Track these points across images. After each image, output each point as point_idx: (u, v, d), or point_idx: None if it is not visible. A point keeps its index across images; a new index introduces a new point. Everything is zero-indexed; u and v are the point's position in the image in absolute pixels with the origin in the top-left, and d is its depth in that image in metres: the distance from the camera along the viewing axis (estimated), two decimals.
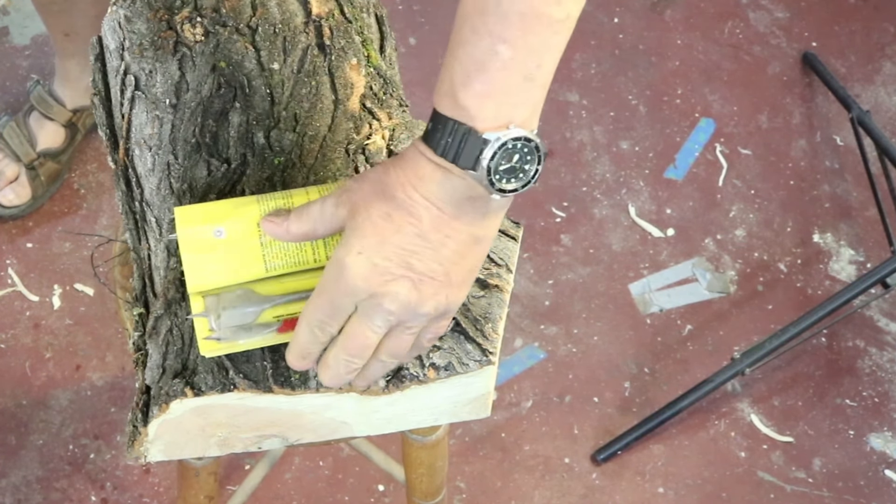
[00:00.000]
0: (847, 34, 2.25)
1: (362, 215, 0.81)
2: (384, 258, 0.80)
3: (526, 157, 0.79)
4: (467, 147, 0.78)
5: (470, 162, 0.78)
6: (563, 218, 1.99)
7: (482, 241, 0.83)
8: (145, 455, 0.96)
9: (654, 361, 1.86)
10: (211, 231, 0.88)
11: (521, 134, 0.78)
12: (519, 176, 0.80)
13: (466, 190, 0.79)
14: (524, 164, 0.79)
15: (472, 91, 0.77)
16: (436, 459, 1.25)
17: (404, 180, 0.81)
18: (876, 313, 1.93)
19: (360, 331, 0.83)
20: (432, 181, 0.80)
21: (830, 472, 1.78)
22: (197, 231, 0.88)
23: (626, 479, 1.76)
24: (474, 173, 0.78)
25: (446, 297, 0.83)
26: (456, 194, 0.80)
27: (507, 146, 0.78)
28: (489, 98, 0.77)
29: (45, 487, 1.68)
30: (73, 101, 1.87)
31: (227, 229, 0.88)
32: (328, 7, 1.05)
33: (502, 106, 0.78)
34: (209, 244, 0.88)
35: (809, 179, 2.07)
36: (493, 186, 0.79)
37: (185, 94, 1.00)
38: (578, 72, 2.16)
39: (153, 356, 0.94)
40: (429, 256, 0.81)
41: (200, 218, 0.89)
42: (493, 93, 0.77)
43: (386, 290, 0.81)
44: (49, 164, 1.89)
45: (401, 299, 0.81)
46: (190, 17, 1.02)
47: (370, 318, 0.82)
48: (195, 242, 0.88)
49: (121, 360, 1.79)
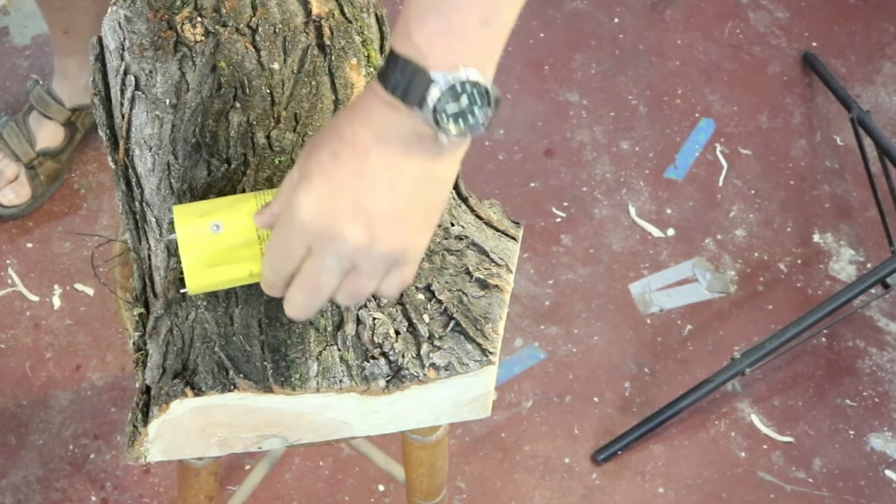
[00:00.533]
0: (847, 34, 2.25)
1: (312, 158, 0.81)
2: (331, 197, 0.80)
3: (476, 101, 0.78)
4: (414, 84, 0.77)
5: (416, 99, 0.77)
6: (563, 218, 1.99)
7: (438, 182, 0.82)
8: (145, 455, 0.96)
9: (655, 361, 1.86)
10: (208, 225, 0.88)
11: (470, 76, 0.77)
12: (468, 120, 0.78)
13: (414, 127, 0.78)
14: (473, 107, 0.78)
15: (425, 30, 0.77)
16: (436, 459, 1.25)
17: (352, 118, 0.80)
18: (876, 313, 1.93)
19: (312, 271, 0.83)
20: (380, 116, 0.79)
21: (831, 472, 1.78)
22: (195, 226, 0.88)
23: (626, 480, 1.76)
24: (420, 112, 0.77)
25: (402, 241, 0.81)
26: (403, 131, 0.79)
27: (455, 88, 0.77)
28: (441, 37, 0.77)
29: (46, 487, 1.68)
30: (72, 100, 1.87)
31: (225, 223, 0.88)
32: (328, 7, 1.05)
33: (454, 46, 0.77)
34: (207, 238, 0.88)
35: (810, 179, 2.07)
36: (439, 126, 0.77)
37: (185, 94, 1.00)
38: (578, 72, 2.16)
39: (153, 356, 0.94)
40: (379, 195, 0.79)
41: (198, 213, 0.89)
42: (445, 32, 0.77)
43: (334, 231, 0.80)
44: (48, 164, 1.88)
45: (350, 242, 0.80)
46: (190, 17, 1.02)
47: (322, 260, 0.82)
48: (193, 237, 0.88)
49: (121, 360, 1.79)
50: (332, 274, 0.82)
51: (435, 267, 0.97)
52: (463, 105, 0.77)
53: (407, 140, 0.79)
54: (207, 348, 0.92)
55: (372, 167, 0.79)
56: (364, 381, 0.92)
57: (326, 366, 0.92)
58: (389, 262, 0.82)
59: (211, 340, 0.92)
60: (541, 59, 2.17)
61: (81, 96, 1.86)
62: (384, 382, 0.93)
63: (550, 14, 2.23)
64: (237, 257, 0.89)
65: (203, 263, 0.88)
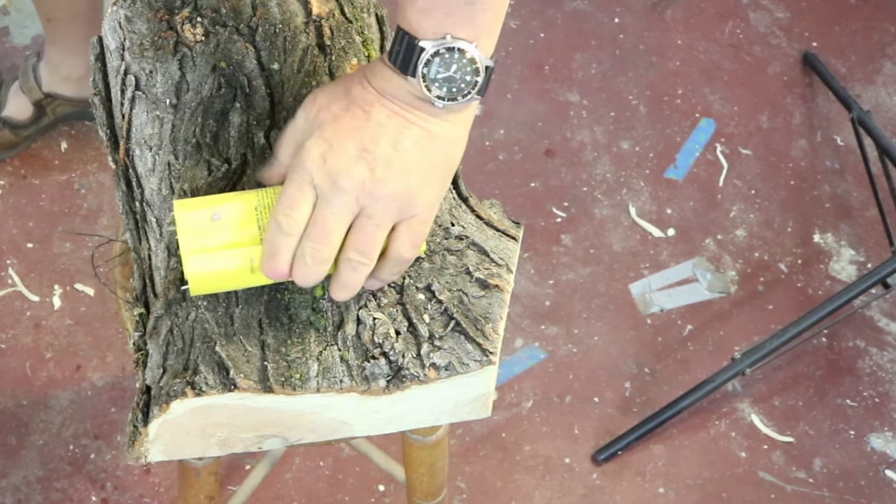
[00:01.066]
0: (847, 34, 2.25)
1: (324, 111, 0.88)
2: (340, 140, 0.86)
3: (466, 69, 0.85)
4: (406, 53, 0.85)
5: (409, 67, 0.85)
6: (563, 218, 1.99)
7: (441, 142, 0.88)
8: (146, 455, 0.96)
9: (655, 361, 1.86)
10: (209, 215, 0.89)
11: (455, 45, 0.85)
12: (459, 85, 0.86)
13: (412, 90, 0.86)
14: (464, 75, 0.85)
15: (415, 7, 0.85)
16: (436, 459, 1.25)
17: (362, 78, 0.88)
18: (876, 313, 1.93)
19: (320, 215, 0.86)
20: (383, 78, 0.87)
21: (831, 472, 1.78)
22: (195, 215, 0.89)
23: (626, 480, 1.76)
24: (413, 79, 0.85)
25: (405, 186, 0.86)
26: (404, 93, 0.87)
27: (443, 54, 0.84)
28: (428, 13, 0.85)
29: (46, 487, 1.68)
30: (49, 86, 1.91)
31: (224, 213, 0.89)
32: (329, 7, 1.05)
33: (440, 21, 0.85)
34: (206, 225, 0.88)
35: (810, 179, 2.07)
36: (430, 91, 0.85)
37: (185, 94, 1.00)
38: (579, 72, 2.16)
39: (153, 356, 0.94)
40: (385, 143, 0.86)
41: (198, 205, 0.89)
42: (432, 9, 0.85)
43: (340, 167, 0.85)
44: (5, 132, 1.93)
45: (355, 177, 0.85)
46: (190, 17, 1.02)
47: (328, 201, 0.85)
48: (192, 225, 0.88)
49: (121, 360, 1.79)
50: (340, 217, 0.86)
51: (435, 267, 0.97)
52: (453, 72, 0.85)
53: (409, 100, 0.87)
54: (208, 348, 0.92)
55: (378, 117, 0.86)
56: (364, 381, 0.92)
57: (327, 366, 0.92)
58: (396, 208, 0.87)
59: (211, 340, 0.92)
60: (541, 59, 2.17)
61: (58, 84, 1.91)
62: (384, 382, 0.93)
63: (550, 14, 2.23)
64: (237, 242, 0.88)
65: (201, 249, 0.88)
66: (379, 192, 0.85)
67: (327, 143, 0.86)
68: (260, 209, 0.89)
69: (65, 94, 1.91)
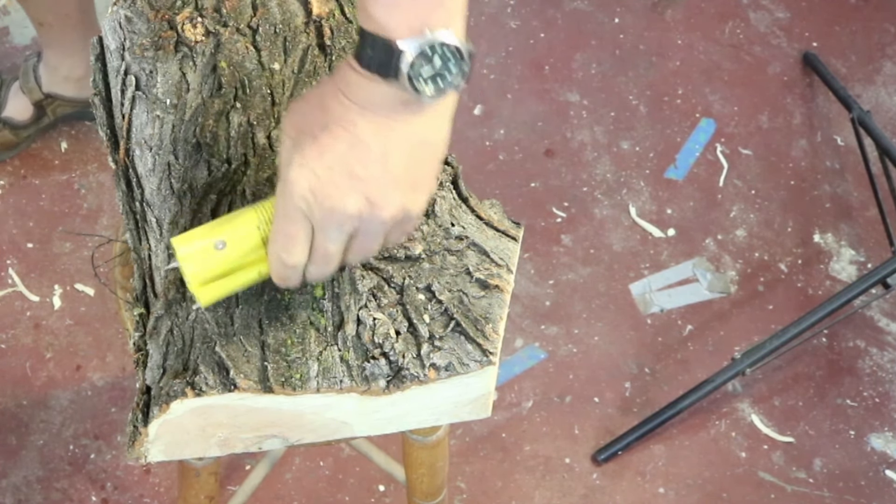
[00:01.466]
0: (848, 34, 2.25)
1: (304, 133, 0.83)
2: (326, 168, 0.81)
3: (448, 59, 0.80)
4: (384, 57, 0.79)
5: (391, 71, 0.79)
6: (563, 218, 1.99)
7: (428, 144, 0.84)
8: (146, 455, 0.96)
9: (655, 361, 1.86)
10: (212, 245, 0.88)
11: (435, 39, 0.79)
12: (445, 78, 0.80)
13: (395, 95, 0.80)
14: (447, 65, 0.80)
15: (378, 3, 0.79)
16: (436, 460, 1.25)
17: (335, 90, 0.82)
18: (876, 313, 1.93)
19: (321, 246, 0.85)
20: (361, 88, 0.81)
21: (831, 472, 1.78)
22: (197, 247, 0.88)
23: (626, 480, 1.76)
24: (397, 81, 0.79)
25: (400, 204, 0.84)
26: (387, 99, 0.81)
27: (426, 51, 0.79)
28: (395, 7, 0.79)
29: (46, 487, 1.68)
30: (48, 86, 1.92)
31: (228, 239, 0.88)
32: (329, 7, 1.05)
33: (410, 13, 0.79)
34: (212, 257, 0.88)
35: (810, 179, 2.07)
36: (417, 91, 0.80)
37: (185, 94, 1.00)
38: (579, 72, 2.16)
39: (154, 356, 0.94)
40: (372, 162, 0.81)
41: (199, 236, 0.89)
42: (398, 2, 0.78)
43: (333, 204, 0.82)
44: (5, 133, 1.93)
45: (351, 212, 0.82)
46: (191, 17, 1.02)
47: (325, 232, 0.84)
48: (198, 259, 0.88)
49: (121, 360, 1.79)
50: (338, 243, 0.85)
51: (435, 267, 0.97)
52: (437, 66, 0.80)
53: (391, 107, 0.81)
54: (208, 348, 0.92)
55: (362, 136, 0.81)
56: (364, 382, 0.92)
57: (327, 366, 0.92)
58: (391, 225, 0.85)
59: (211, 340, 0.92)
60: (541, 59, 2.17)
61: (58, 86, 1.91)
62: (384, 382, 0.93)
63: (550, 14, 2.23)
64: (246, 264, 0.89)
65: (211, 279, 0.88)
66: (376, 217, 0.83)
67: (314, 173, 0.81)
68: (262, 225, 0.89)
69: (65, 94, 1.91)
